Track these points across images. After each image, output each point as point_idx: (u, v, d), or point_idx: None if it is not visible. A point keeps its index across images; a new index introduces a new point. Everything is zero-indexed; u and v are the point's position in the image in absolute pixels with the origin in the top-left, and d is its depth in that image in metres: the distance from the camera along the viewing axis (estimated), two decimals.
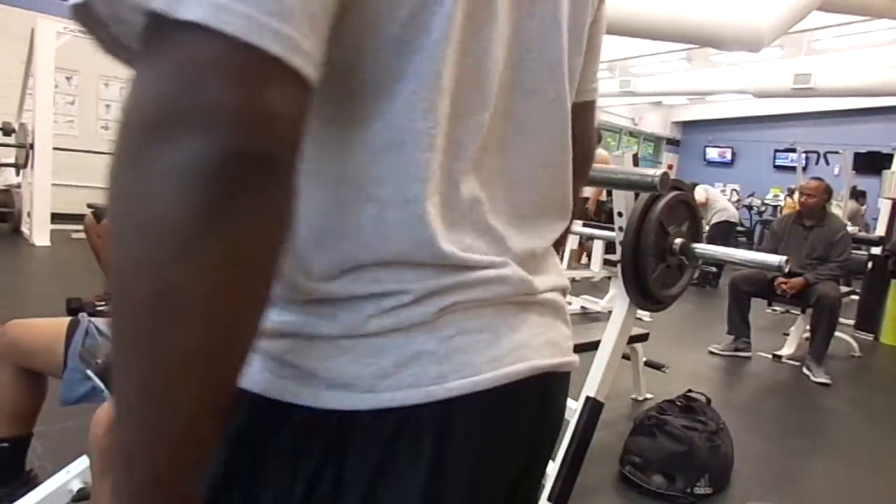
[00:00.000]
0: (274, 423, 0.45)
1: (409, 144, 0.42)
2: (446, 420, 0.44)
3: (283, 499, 0.45)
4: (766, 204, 11.72)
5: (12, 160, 6.13)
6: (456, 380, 0.44)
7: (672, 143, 15.32)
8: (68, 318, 1.60)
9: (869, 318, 5.45)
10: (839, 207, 7.57)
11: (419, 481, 0.43)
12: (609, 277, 5.25)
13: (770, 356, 4.40)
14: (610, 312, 2.10)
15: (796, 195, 6.14)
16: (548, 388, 0.53)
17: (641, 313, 2.72)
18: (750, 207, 11.46)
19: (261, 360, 0.46)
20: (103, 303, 3.63)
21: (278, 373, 0.46)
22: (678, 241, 1.88)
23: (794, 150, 10.69)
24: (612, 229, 2.08)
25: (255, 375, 0.46)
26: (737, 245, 9.06)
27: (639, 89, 9.67)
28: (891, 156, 7.00)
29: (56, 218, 5.76)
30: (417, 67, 0.41)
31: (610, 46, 4.92)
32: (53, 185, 5.76)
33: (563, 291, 0.59)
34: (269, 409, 0.45)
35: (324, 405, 0.44)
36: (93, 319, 1.60)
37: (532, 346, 0.50)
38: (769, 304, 4.69)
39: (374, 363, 0.43)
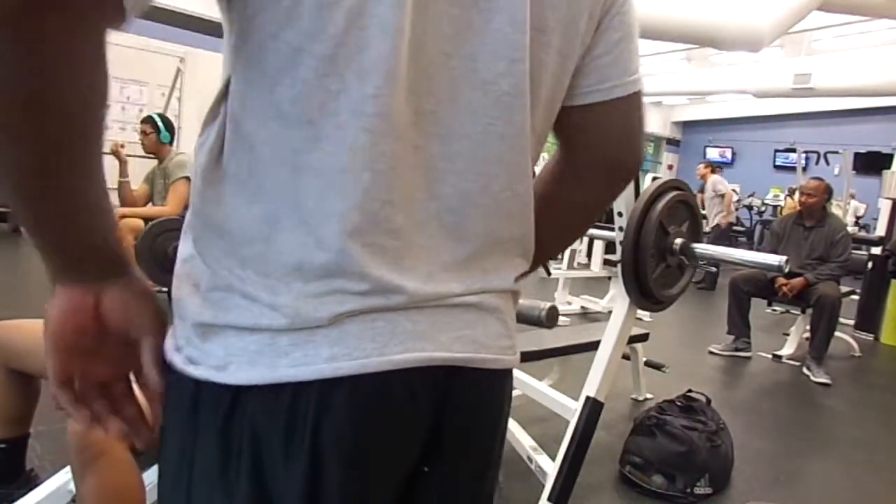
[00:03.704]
0: (187, 397, 0.51)
1: None
2: (331, 397, 0.48)
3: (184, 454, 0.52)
4: (766, 204, 11.72)
5: None
6: (345, 361, 0.48)
7: (672, 143, 15.32)
8: None
9: (869, 318, 5.45)
10: (839, 207, 7.57)
11: (303, 453, 0.48)
12: (609, 277, 5.25)
13: (770, 356, 4.40)
14: (610, 312, 2.10)
15: (796, 195, 6.14)
16: (456, 380, 0.55)
17: (641, 313, 2.72)
18: (750, 207, 11.47)
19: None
20: None
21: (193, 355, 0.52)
22: (678, 241, 1.88)
23: (794, 150, 10.69)
24: (612, 229, 2.08)
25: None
26: (736, 245, 9.06)
27: None
28: (891, 156, 7.00)
29: None
30: None
31: None
32: None
33: (506, 294, 0.60)
34: (183, 384, 0.51)
35: (225, 380, 0.49)
36: None
37: (434, 340, 0.53)
38: (769, 304, 4.69)
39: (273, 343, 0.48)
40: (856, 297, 5.54)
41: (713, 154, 14.27)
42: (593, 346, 2.03)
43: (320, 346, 0.48)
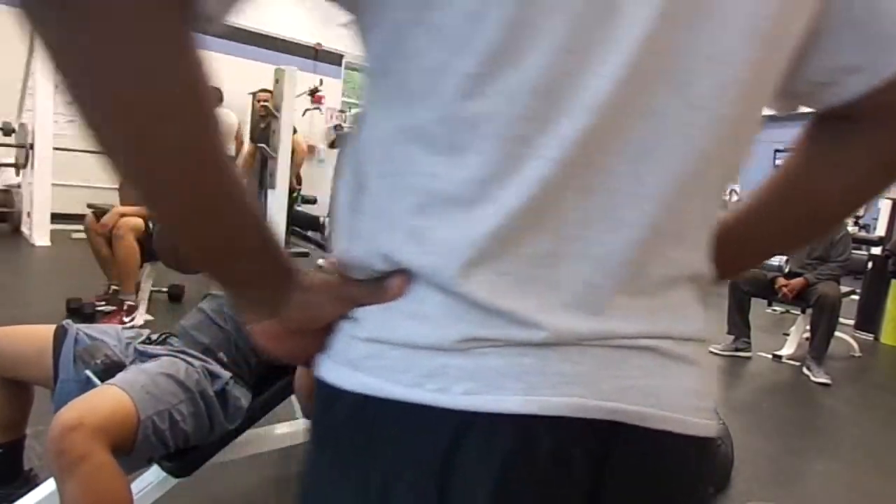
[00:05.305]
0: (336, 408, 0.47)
1: None
2: (464, 435, 0.41)
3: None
4: None
5: (12, 160, 6.13)
6: (481, 394, 0.41)
7: None
8: (53, 326, 1.56)
9: (869, 318, 5.45)
10: None
11: (429, 488, 0.41)
12: None
13: (770, 356, 4.40)
14: None
15: None
16: (621, 438, 0.43)
17: None
18: None
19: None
20: (104, 303, 3.64)
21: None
22: None
23: None
24: None
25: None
26: None
27: None
28: None
29: (56, 218, 5.76)
30: None
31: None
32: (53, 185, 5.77)
33: (699, 341, 0.48)
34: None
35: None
36: (80, 326, 1.57)
37: (594, 386, 0.42)
38: (769, 304, 4.69)
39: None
40: (856, 297, 5.54)
41: None
42: None
43: (453, 380, 0.41)
